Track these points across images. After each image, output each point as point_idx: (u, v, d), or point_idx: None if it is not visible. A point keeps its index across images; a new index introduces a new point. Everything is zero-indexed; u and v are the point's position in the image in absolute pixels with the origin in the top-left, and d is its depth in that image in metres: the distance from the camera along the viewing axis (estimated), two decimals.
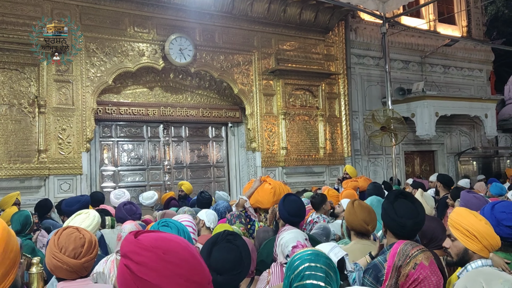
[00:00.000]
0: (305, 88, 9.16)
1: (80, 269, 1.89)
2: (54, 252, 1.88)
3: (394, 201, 2.23)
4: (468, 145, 11.86)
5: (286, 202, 3.03)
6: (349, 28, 9.99)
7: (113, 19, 7.27)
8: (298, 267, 1.58)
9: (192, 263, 1.04)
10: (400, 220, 2.18)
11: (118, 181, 7.87)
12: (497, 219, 2.23)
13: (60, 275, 1.90)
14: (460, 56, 11.93)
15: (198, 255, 1.08)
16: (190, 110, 8.36)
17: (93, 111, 7.01)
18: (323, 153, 9.21)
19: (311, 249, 1.69)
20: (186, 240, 1.11)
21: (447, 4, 11.93)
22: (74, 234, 1.95)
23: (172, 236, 1.10)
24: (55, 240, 1.92)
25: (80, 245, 1.91)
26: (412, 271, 1.82)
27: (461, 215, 2.07)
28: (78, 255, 1.89)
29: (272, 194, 3.90)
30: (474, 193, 3.79)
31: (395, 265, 1.87)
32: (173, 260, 1.02)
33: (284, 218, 3.00)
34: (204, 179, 8.83)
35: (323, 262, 1.59)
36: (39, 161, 6.53)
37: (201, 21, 7.98)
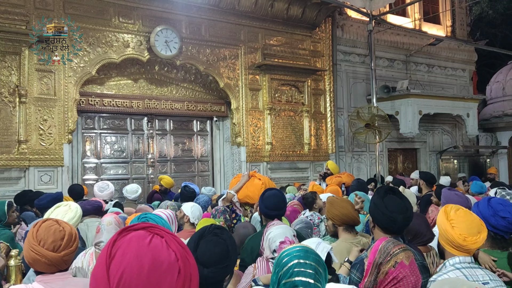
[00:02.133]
0: (291, 83, 9.16)
1: (59, 262, 1.84)
2: (33, 244, 1.82)
3: (384, 196, 2.25)
4: (450, 143, 12.04)
5: (265, 196, 3.04)
6: (336, 25, 10.02)
7: (97, 9, 7.14)
8: (287, 264, 1.57)
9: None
10: (391, 214, 2.20)
11: (100, 174, 7.76)
12: (494, 209, 2.28)
13: (38, 268, 1.85)
14: (444, 56, 12.07)
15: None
16: (175, 103, 8.28)
17: (75, 102, 6.88)
18: (307, 149, 9.24)
19: (300, 246, 1.68)
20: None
21: (432, 3, 12.04)
22: (53, 226, 1.89)
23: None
24: (33, 232, 1.86)
25: (60, 238, 1.85)
26: (392, 269, 1.83)
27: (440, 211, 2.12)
28: (58, 248, 1.83)
29: (263, 190, 3.88)
30: (456, 191, 3.85)
31: (375, 262, 1.88)
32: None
33: (262, 212, 3.01)
34: (188, 173, 8.77)
35: (312, 259, 1.59)
36: (19, 152, 6.39)
37: (187, 14, 7.90)
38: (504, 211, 2.28)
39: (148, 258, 0.96)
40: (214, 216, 3.51)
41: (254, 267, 2.23)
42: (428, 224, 2.90)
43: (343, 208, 2.80)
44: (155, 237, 1.01)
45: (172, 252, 0.99)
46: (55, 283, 1.79)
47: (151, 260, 0.96)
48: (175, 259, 0.99)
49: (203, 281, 1.64)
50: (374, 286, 1.86)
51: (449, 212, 2.08)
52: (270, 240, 2.22)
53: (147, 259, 0.96)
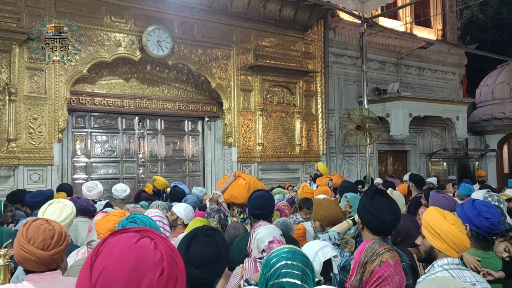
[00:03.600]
0: (283, 85, 9.19)
1: (49, 261, 1.84)
2: (22, 243, 1.82)
3: (372, 198, 2.29)
4: (440, 146, 12.15)
5: (252, 197, 3.06)
6: (328, 27, 10.07)
7: (89, 8, 7.10)
8: (275, 265, 1.59)
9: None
10: (380, 216, 2.24)
11: (90, 173, 7.72)
12: (478, 210, 2.32)
13: (28, 267, 1.84)
14: (435, 59, 12.19)
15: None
16: (167, 103, 8.27)
17: (66, 101, 6.84)
18: (298, 150, 9.28)
19: (288, 247, 1.70)
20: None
21: (424, 7, 12.16)
22: (43, 225, 1.89)
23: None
24: (23, 231, 1.87)
25: (50, 237, 1.86)
26: (377, 268, 1.86)
27: (430, 214, 2.13)
28: (48, 247, 1.83)
29: (247, 189, 3.88)
30: (443, 194, 3.90)
31: (361, 261, 1.91)
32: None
33: (250, 213, 3.04)
34: (179, 173, 8.75)
35: (299, 260, 1.61)
36: (8, 151, 6.33)
37: (180, 14, 7.89)
38: (487, 212, 2.32)
39: (132, 256, 0.96)
40: (209, 215, 3.51)
41: (242, 267, 2.25)
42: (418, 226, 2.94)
43: (330, 209, 2.83)
44: (144, 238, 1.01)
45: (158, 252, 1.00)
46: (45, 283, 1.79)
47: (135, 258, 0.96)
48: (160, 259, 0.99)
49: (194, 281, 1.66)
50: (360, 285, 1.88)
51: (447, 215, 2.11)
52: (259, 241, 2.24)
53: (131, 257, 0.96)
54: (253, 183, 3.92)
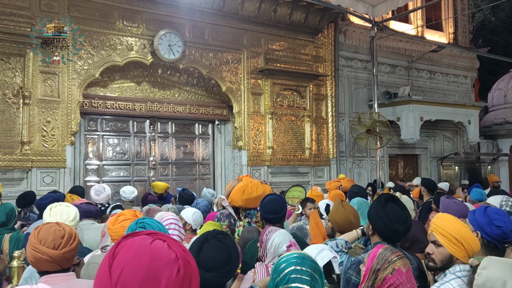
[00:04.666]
0: (293, 88, 9.20)
1: (61, 259, 1.90)
2: (34, 244, 1.89)
3: (384, 205, 2.29)
4: (451, 150, 12.05)
5: (264, 201, 3.07)
6: (339, 31, 10.07)
7: (102, 12, 7.20)
8: (284, 270, 1.60)
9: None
10: (393, 225, 2.25)
11: (102, 176, 7.81)
12: (490, 218, 2.30)
13: (41, 267, 1.90)
14: (446, 63, 12.11)
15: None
16: (177, 107, 8.33)
17: (78, 104, 6.93)
18: (308, 153, 9.27)
19: (297, 252, 1.71)
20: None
21: (435, 10, 12.10)
22: (53, 227, 1.97)
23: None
24: (35, 234, 1.94)
25: (60, 237, 1.92)
26: (390, 276, 1.86)
27: (449, 222, 2.11)
28: (58, 246, 1.89)
29: (242, 192, 3.88)
30: (454, 199, 3.87)
31: (373, 268, 1.92)
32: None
33: (262, 217, 3.06)
34: (189, 176, 8.81)
35: (308, 266, 1.62)
36: (22, 153, 6.44)
37: (191, 18, 7.96)
38: (499, 220, 2.30)
39: (147, 255, 1.00)
40: (218, 220, 3.53)
41: (254, 272, 2.26)
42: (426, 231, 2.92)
43: (345, 218, 2.81)
44: (157, 240, 1.05)
45: (172, 252, 1.03)
46: (60, 285, 1.84)
47: (150, 257, 1.00)
48: (175, 258, 1.02)
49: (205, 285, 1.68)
50: None
51: (465, 224, 2.12)
52: (277, 246, 2.25)
53: (146, 256, 1.00)
54: (251, 186, 3.90)
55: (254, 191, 3.86)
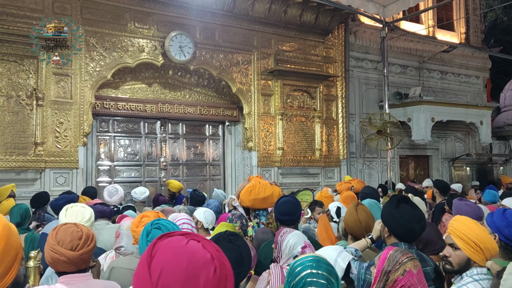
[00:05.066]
0: (303, 89, 9.19)
1: (78, 261, 1.92)
2: (52, 245, 1.92)
3: (397, 206, 2.30)
4: (463, 151, 11.95)
5: (278, 203, 3.09)
6: (349, 31, 10.04)
7: (113, 14, 7.26)
8: (300, 274, 1.60)
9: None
10: (409, 225, 2.27)
11: (113, 176, 7.87)
12: (508, 220, 2.29)
13: (59, 268, 1.93)
14: (458, 63, 12.01)
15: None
16: (188, 108, 8.37)
17: (91, 105, 7.00)
18: (319, 154, 9.25)
19: (312, 255, 1.71)
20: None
21: (447, 10, 12.00)
22: (71, 228, 1.99)
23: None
24: (53, 234, 1.97)
25: (77, 238, 1.95)
26: (401, 277, 1.86)
27: (466, 225, 2.10)
28: (76, 247, 1.92)
29: (249, 192, 3.88)
30: (466, 201, 3.83)
31: (384, 270, 1.92)
32: None
33: (277, 218, 3.07)
34: (200, 177, 8.84)
35: (324, 269, 1.61)
36: (36, 154, 6.51)
37: (202, 19, 7.99)
38: None
39: (185, 256, 1.03)
40: (230, 221, 3.55)
41: (268, 273, 2.27)
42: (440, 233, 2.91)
43: (356, 223, 2.81)
44: (192, 241, 1.08)
45: (208, 252, 1.06)
46: (77, 285, 1.87)
47: (187, 258, 1.03)
48: (211, 258, 1.05)
49: None
50: None
51: (483, 226, 2.11)
52: (291, 247, 2.26)
53: (184, 257, 1.03)
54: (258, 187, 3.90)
55: (262, 191, 3.86)
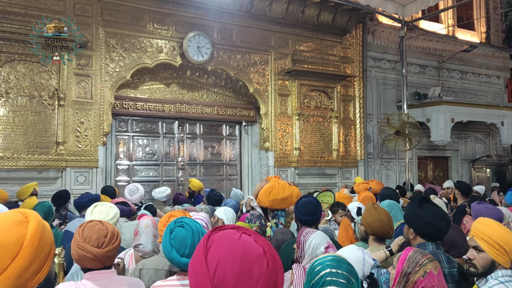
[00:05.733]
0: (320, 89, 9.16)
1: (103, 258, 1.97)
2: (79, 242, 1.97)
3: (420, 206, 2.31)
4: (483, 152, 11.75)
5: (299, 203, 3.10)
6: (367, 31, 9.96)
7: (133, 15, 7.35)
8: (319, 273, 1.60)
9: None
10: (435, 222, 2.28)
11: (132, 176, 7.96)
12: None
13: (85, 264, 1.98)
14: (478, 62, 11.82)
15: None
16: (205, 108, 8.42)
17: (110, 106, 7.10)
18: (336, 155, 9.21)
19: (332, 255, 1.71)
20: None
21: (467, 9, 11.82)
22: (97, 226, 2.04)
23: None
24: (79, 232, 2.02)
25: (103, 236, 1.99)
26: (421, 279, 1.85)
27: (490, 227, 2.08)
28: (102, 245, 1.97)
29: (268, 193, 3.90)
30: (485, 204, 3.78)
31: (403, 271, 1.91)
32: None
33: (297, 218, 3.08)
34: (217, 177, 8.88)
35: (344, 269, 1.61)
36: (57, 153, 6.63)
37: (219, 20, 8.03)
38: None
39: (239, 249, 1.08)
40: (249, 221, 3.57)
41: (291, 273, 2.27)
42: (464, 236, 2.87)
43: (379, 222, 2.79)
44: (244, 235, 1.13)
45: (260, 246, 1.11)
46: (102, 281, 1.91)
47: (241, 251, 1.08)
48: (263, 252, 1.10)
49: None
50: None
51: (507, 228, 2.09)
52: (314, 248, 2.26)
53: (238, 250, 1.08)
54: (277, 188, 3.91)
55: (281, 192, 3.87)
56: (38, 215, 1.36)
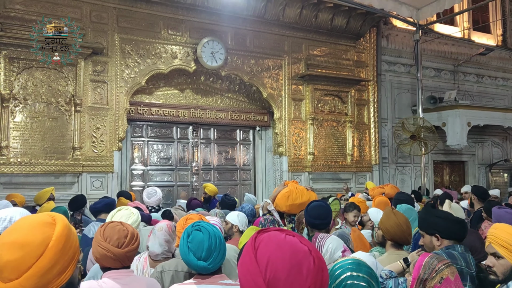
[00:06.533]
0: (334, 94, 9.13)
1: (123, 258, 2.03)
2: (100, 241, 2.04)
3: (436, 209, 2.31)
4: (500, 156, 11.56)
5: (309, 207, 3.08)
6: (381, 35, 9.91)
7: (148, 22, 7.44)
8: (340, 276, 1.59)
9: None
10: (457, 219, 2.34)
11: (147, 180, 8.03)
12: None
13: (105, 264, 2.03)
14: (495, 66, 11.66)
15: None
16: (219, 113, 8.46)
17: (125, 111, 7.17)
18: (350, 159, 9.15)
19: (351, 258, 1.70)
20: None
21: (482, 12, 11.69)
22: (118, 226, 2.11)
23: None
24: (101, 231, 2.09)
25: (124, 236, 2.06)
26: (438, 285, 1.83)
27: (508, 232, 2.03)
28: (122, 245, 2.03)
29: (286, 198, 3.89)
30: (506, 209, 3.71)
31: (420, 278, 1.89)
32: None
33: (308, 222, 3.06)
34: (231, 182, 8.90)
35: (364, 272, 1.60)
36: (74, 158, 6.72)
37: (233, 25, 8.08)
38: None
39: (287, 247, 1.16)
40: (263, 226, 3.56)
41: None
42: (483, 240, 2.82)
43: (398, 227, 2.75)
44: (288, 236, 1.20)
45: (305, 246, 1.18)
46: (122, 279, 1.97)
47: (290, 249, 1.15)
48: (309, 251, 1.17)
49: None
50: None
51: None
52: (332, 252, 2.26)
53: (287, 248, 1.15)
54: (295, 192, 3.91)
55: (299, 197, 3.87)
56: (65, 219, 1.40)
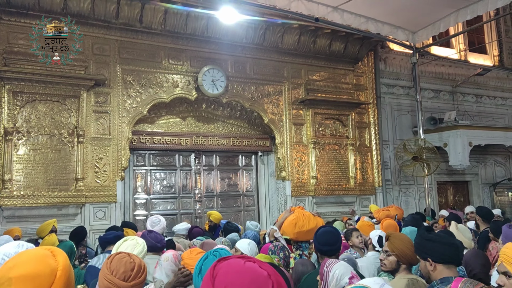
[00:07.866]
0: (335, 117, 9.18)
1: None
2: (106, 274, 1.99)
3: (431, 233, 2.40)
4: (504, 175, 11.51)
5: (318, 233, 3.06)
6: (379, 58, 10.04)
7: (149, 52, 7.56)
8: None
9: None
10: (451, 241, 2.31)
11: (150, 209, 7.99)
12: None
13: None
14: (493, 85, 11.75)
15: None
16: (221, 139, 8.49)
17: (128, 141, 7.21)
18: (353, 182, 9.12)
19: (359, 285, 1.69)
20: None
21: (478, 33, 11.86)
22: (125, 258, 2.06)
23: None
24: (107, 263, 2.04)
25: (130, 269, 2.01)
26: None
27: None
28: (128, 278, 1.98)
29: (294, 225, 3.86)
30: None
31: None
32: None
33: (317, 249, 3.03)
34: (234, 208, 8.85)
35: None
36: (77, 189, 6.71)
37: (233, 53, 8.20)
38: None
39: (246, 274, 1.17)
40: (273, 253, 3.52)
41: None
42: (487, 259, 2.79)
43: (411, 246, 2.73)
44: (248, 262, 1.21)
45: (264, 271, 1.20)
46: None
47: (249, 276, 1.17)
48: (268, 275, 1.19)
49: None
50: None
51: None
52: (339, 278, 2.23)
53: (246, 275, 1.17)
54: (302, 219, 3.88)
55: (306, 224, 3.84)
56: (61, 250, 1.44)
